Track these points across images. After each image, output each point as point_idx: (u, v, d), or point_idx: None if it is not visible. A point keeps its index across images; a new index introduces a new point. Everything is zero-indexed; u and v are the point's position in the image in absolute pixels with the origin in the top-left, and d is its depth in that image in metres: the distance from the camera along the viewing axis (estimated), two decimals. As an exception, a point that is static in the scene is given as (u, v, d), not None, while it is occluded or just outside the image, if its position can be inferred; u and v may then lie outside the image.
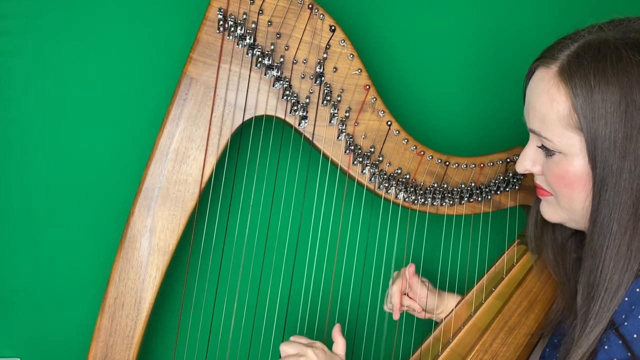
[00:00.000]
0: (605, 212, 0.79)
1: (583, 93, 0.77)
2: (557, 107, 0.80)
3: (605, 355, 0.80)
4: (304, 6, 0.95)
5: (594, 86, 0.77)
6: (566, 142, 0.81)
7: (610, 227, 0.79)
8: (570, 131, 0.80)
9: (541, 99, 0.82)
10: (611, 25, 0.82)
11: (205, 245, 1.09)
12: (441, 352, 1.03)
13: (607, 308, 0.80)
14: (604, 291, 0.80)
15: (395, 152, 1.03)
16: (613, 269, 0.80)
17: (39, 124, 1.07)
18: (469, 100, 1.29)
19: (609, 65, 0.77)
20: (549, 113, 0.81)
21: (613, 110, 0.76)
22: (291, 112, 0.97)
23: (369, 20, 1.21)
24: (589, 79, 0.77)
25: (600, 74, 0.77)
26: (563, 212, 0.87)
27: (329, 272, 1.16)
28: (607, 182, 0.78)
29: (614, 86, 0.76)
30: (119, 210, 1.06)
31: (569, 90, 0.79)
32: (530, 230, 1.02)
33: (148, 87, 1.10)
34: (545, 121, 0.82)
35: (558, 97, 0.80)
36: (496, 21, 1.29)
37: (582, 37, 0.81)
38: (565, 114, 0.80)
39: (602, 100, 0.76)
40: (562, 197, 0.85)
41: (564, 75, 0.80)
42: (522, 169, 0.89)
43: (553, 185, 0.86)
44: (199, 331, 1.09)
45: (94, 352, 0.94)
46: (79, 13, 1.06)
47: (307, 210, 1.12)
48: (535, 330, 1.01)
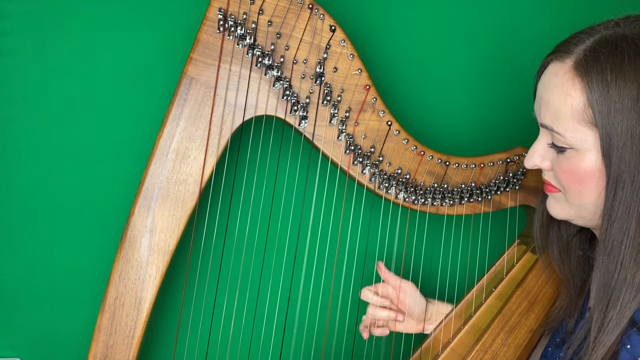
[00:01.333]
0: (623, 210, 0.78)
1: (599, 88, 0.76)
2: (572, 102, 0.79)
3: (628, 355, 0.79)
4: (304, 6, 0.95)
5: (610, 81, 0.76)
6: (579, 137, 0.80)
7: (628, 225, 0.78)
8: (583, 126, 0.79)
9: (555, 94, 0.81)
10: (627, 21, 0.81)
11: (205, 245, 1.09)
12: (441, 352, 1.03)
13: (628, 307, 0.79)
14: (625, 290, 0.79)
15: (396, 152, 1.03)
16: (633, 267, 0.78)
17: (38, 124, 1.07)
18: (469, 100, 1.29)
19: (626, 60, 0.76)
20: (562, 108, 0.80)
21: (630, 106, 0.75)
22: (291, 112, 0.97)
23: (369, 20, 1.21)
24: (605, 73, 0.76)
25: (617, 69, 0.76)
26: (571, 208, 0.86)
27: (329, 272, 1.16)
28: (624, 178, 0.77)
29: (631, 82, 0.75)
30: (119, 210, 1.06)
31: (585, 84, 0.78)
32: (536, 227, 1.01)
33: (148, 87, 1.10)
34: (558, 116, 0.81)
35: (573, 91, 0.79)
36: (496, 21, 1.29)
37: (598, 32, 0.80)
38: (579, 108, 0.79)
39: (619, 95, 0.75)
40: (571, 194, 0.84)
41: (579, 69, 0.79)
42: (530, 165, 0.88)
43: (562, 181, 0.85)
44: (199, 331, 1.09)
45: (94, 352, 0.94)
46: (78, 13, 1.06)
47: (307, 210, 1.12)
48: (536, 330, 1.01)
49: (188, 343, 1.11)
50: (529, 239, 1.14)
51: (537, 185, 1.10)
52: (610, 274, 0.80)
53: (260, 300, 1.13)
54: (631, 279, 0.79)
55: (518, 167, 1.08)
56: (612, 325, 0.79)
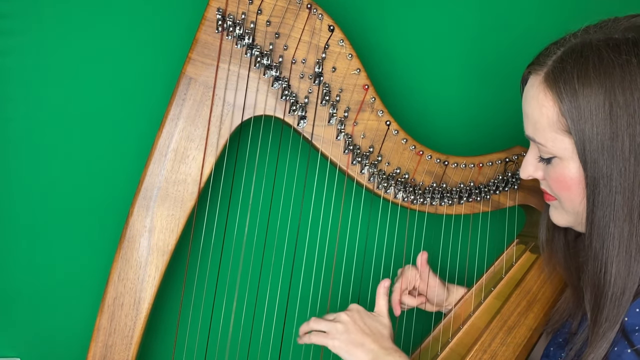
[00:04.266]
0: (600, 214, 0.79)
1: (568, 97, 0.78)
2: (547, 113, 0.81)
3: None
4: (303, 6, 0.95)
5: (577, 89, 0.77)
6: (559, 146, 0.82)
7: (607, 229, 0.79)
8: (561, 135, 0.81)
9: (532, 106, 0.84)
10: (597, 27, 0.82)
11: (204, 245, 1.09)
12: (440, 352, 1.03)
13: (616, 312, 0.80)
14: (610, 295, 0.80)
15: (394, 152, 1.03)
16: (616, 272, 0.79)
17: (38, 124, 1.07)
18: (468, 100, 1.29)
19: (590, 67, 0.77)
20: (540, 119, 0.82)
21: (598, 112, 0.77)
22: (290, 112, 0.97)
23: (367, 20, 1.21)
24: (573, 82, 0.78)
25: (583, 77, 0.77)
26: (569, 215, 0.88)
27: (328, 273, 1.16)
28: (599, 183, 0.78)
29: (597, 88, 0.77)
30: (118, 210, 1.07)
31: (555, 95, 0.80)
32: (542, 234, 1.02)
33: (147, 87, 1.10)
34: (537, 127, 0.83)
35: (546, 102, 0.81)
36: (496, 20, 1.29)
37: (568, 42, 0.82)
38: (554, 118, 0.81)
39: (587, 102, 0.77)
40: (564, 201, 0.86)
41: (549, 81, 0.81)
42: (525, 175, 0.90)
43: (554, 189, 0.86)
44: (199, 331, 1.09)
45: (93, 352, 0.94)
46: (78, 13, 1.07)
47: (306, 210, 1.12)
48: (535, 330, 1.01)
49: (187, 343, 1.11)
50: (528, 239, 1.14)
51: (536, 185, 1.09)
52: (597, 278, 0.81)
53: (259, 301, 1.13)
54: (614, 284, 0.80)
55: (517, 167, 1.08)
56: (604, 329, 0.80)
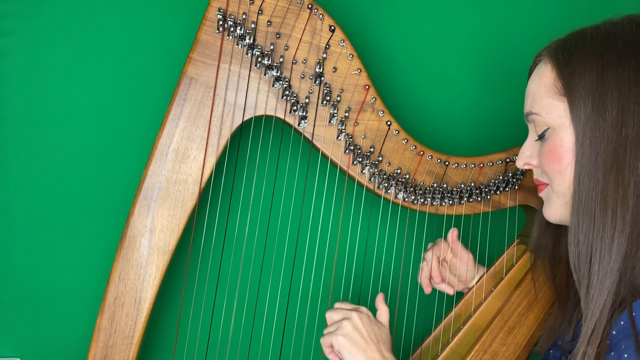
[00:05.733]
0: (583, 187, 0.81)
1: (565, 61, 0.84)
2: (544, 81, 0.87)
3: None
4: (304, 6, 0.95)
5: (573, 54, 0.84)
6: (554, 112, 0.85)
7: (590, 202, 0.81)
8: (555, 100, 0.85)
9: (534, 81, 0.89)
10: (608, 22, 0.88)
11: (205, 245, 1.09)
12: (441, 352, 1.03)
13: (597, 307, 0.79)
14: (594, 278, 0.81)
15: (395, 152, 1.03)
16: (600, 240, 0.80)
17: (38, 124, 1.07)
18: (468, 100, 1.29)
19: (589, 39, 0.84)
20: (538, 89, 0.88)
21: (591, 73, 0.82)
22: (291, 112, 0.97)
23: (368, 20, 1.21)
24: (570, 49, 0.85)
25: (581, 45, 0.84)
26: (559, 200, 0.87)
27: (329, 272, 1.16)
28: (587, 149, 0.81)
29: (593, 50, 0.83)
30: (119, 210, 1.07)
31: (554, 63, 0.86)
32: (534, 232, 1.02)
33: (148, 87, 1.10)
34: (535, 98, 0.88)
35: (545, 72, 0.87)
36: (496, 21, 1.29)
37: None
38: (550, 83, 0.86)
39: (581, 65, 0.83)
40: (553, 178, 0.87)
41: (550, 54, 0.88)
42: (521, 163, 0.93)
43: (545, 166, 0.87)
44: (199, 331, 1.09)
45: (93, 352, 0.94)
46: (78, 13, 1.07)
47: (306, 210, 1.12)
48: (535, 330, 1.01)
49: (188, 343, 1.11)
50: (529, 239, 1.14)
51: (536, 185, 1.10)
52: (578, 256, 0.82)
53: (259, 300, 1.13)
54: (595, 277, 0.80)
55: (517, 167, 1.08)
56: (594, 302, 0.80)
